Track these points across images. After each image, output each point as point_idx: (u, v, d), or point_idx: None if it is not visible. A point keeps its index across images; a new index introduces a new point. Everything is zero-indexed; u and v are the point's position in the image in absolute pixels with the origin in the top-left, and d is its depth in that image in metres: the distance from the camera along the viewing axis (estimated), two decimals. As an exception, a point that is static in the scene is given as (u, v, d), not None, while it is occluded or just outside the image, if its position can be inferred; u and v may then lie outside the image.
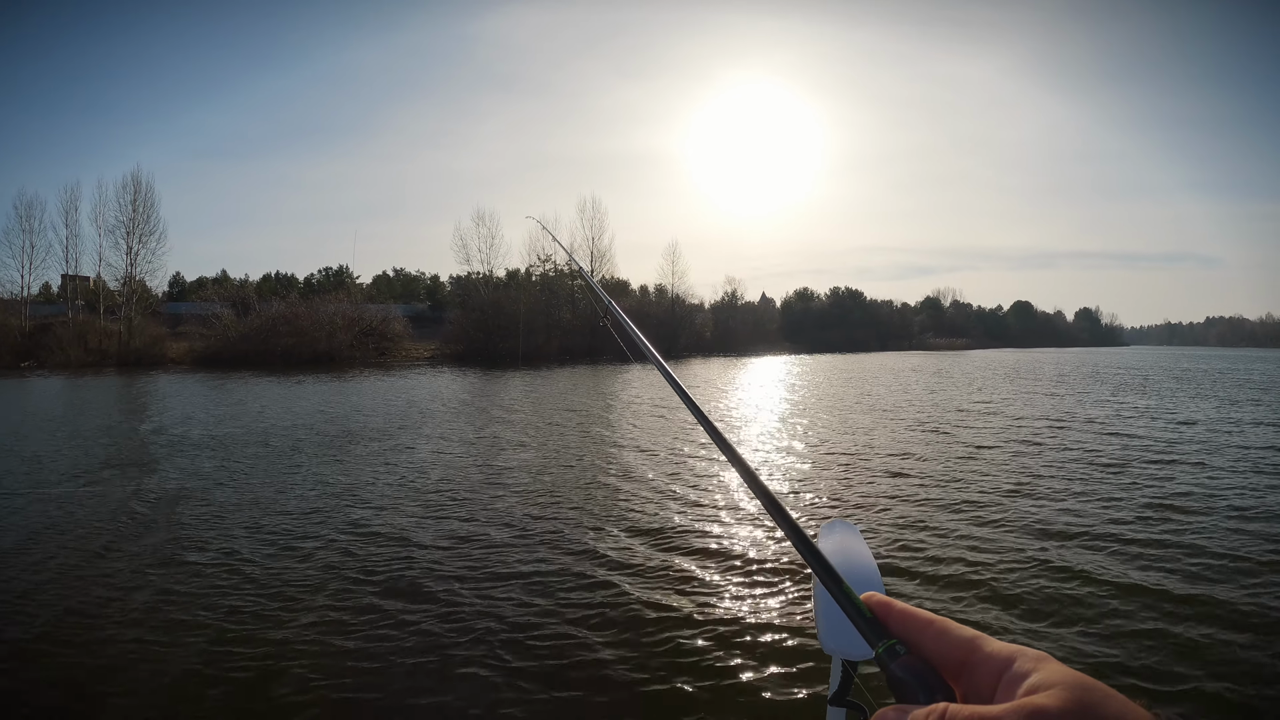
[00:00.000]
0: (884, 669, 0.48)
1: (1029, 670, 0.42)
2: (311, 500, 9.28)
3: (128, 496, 9.70)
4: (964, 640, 0.47)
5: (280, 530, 7.89)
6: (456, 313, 58.44)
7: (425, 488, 10.01)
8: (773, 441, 14.40)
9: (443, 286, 76.38)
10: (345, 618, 5.49)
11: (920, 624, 0.49)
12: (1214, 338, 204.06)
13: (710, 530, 7.78)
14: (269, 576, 6.40)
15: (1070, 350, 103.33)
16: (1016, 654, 0.44)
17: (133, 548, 7.35)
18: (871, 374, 39.16)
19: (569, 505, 9.00)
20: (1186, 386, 29.42)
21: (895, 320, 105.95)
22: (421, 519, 8.35)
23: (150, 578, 6.40)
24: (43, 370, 39.36)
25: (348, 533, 7.78)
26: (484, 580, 6.27)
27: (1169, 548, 6.92)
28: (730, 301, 78.93)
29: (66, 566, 6.77)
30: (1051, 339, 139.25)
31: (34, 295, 51.43)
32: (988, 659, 0.45)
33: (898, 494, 9.42)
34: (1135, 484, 9.85)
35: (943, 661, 0.47)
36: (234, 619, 5.46)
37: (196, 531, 7.93)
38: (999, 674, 0.43)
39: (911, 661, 0.47)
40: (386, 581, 6.24)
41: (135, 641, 5.11)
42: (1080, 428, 15.85)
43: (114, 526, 8.18)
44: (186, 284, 65.02)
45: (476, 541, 7.43)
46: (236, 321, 49.38)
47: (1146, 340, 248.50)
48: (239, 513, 8.73)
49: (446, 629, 5.23)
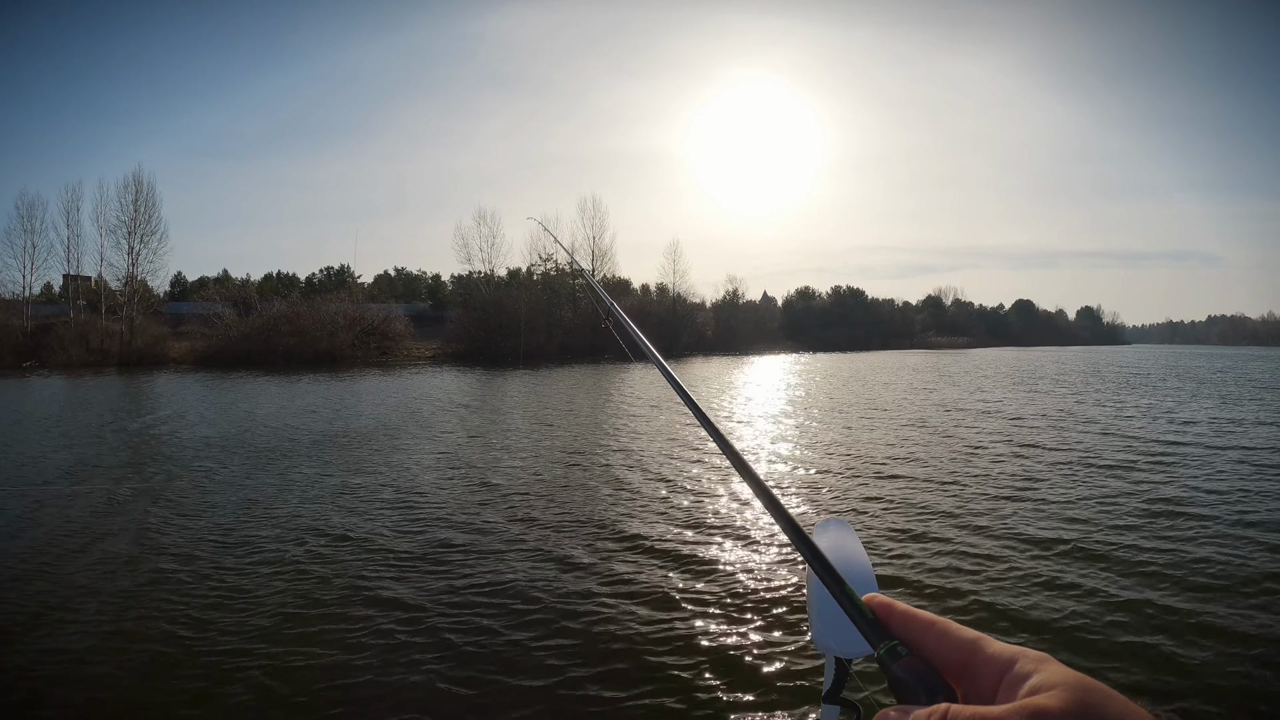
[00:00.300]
0: (885, 670, 0.48)
1: (1030, 671, 0.42)
2: (292, 504, 9.17)
3: (108, 497, 9.66)
4: (966, 642, 0.47)
5: (254, 534, 7.77)
6: (458, 312, 58.54)
7: (415, 489, 9.98)
8: (776, 442, 14.40)
9: (444, 286, 76.45)
10: (306, 614, 5.49)
11: (922, 625, 0.49)
12: (1216, 336, 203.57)
13: (707, 525, 7.79)
14: (238, 581, 6.32)
15: (1072, 349, 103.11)
16: (1018, 655, 0.44)
17: (102, 548, 7.30)
18: (873, 372, 39.14)
19: (565, 503, 8.98)
20: (1190, 385, 29.39)
21: (897, 319, 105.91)
22: (412, 522, 8.29)
23: (119, 580, 6.37)
24: (44, 370, 39.43)
25: (321, 535, 7.70)
26: (473, 580, 6.23)
27: (1169, 552, 6.89)
28: (732, 300, 78.94)
29: (30, 567, 6.78)
30: (1053, 338, 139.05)
31: (36, 295, 51.53)
32: (989, 660, 0.45)
33: (898, 495, 9.41)
34: (1138, 486, 9.84)
35: (944, 663, 0.47)
36: (192, 624, 5.41)
37: (167, 533, 7.88)
38: (1000, 675, 0.44)
39: (913, 663, 0.47)
40: (354, 587, 6.15)
41: (97, 638, 5.13)
42: (1081, 428, 15.83)
43: (85, 527, 8.15)
44: (188, 284, 65.08)
45: (458, 544, 7.38)
46: (238, 321, 49.47)
47: (1148, 339, 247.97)
48: (217, 513, 8.70)
49: (418, 636, 5.17)
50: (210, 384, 30.54)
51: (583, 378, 34.39)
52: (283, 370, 38.80)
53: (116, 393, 27.45)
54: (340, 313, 51.43)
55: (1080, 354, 77.41)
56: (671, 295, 70.23)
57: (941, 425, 16.45)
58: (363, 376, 35.10)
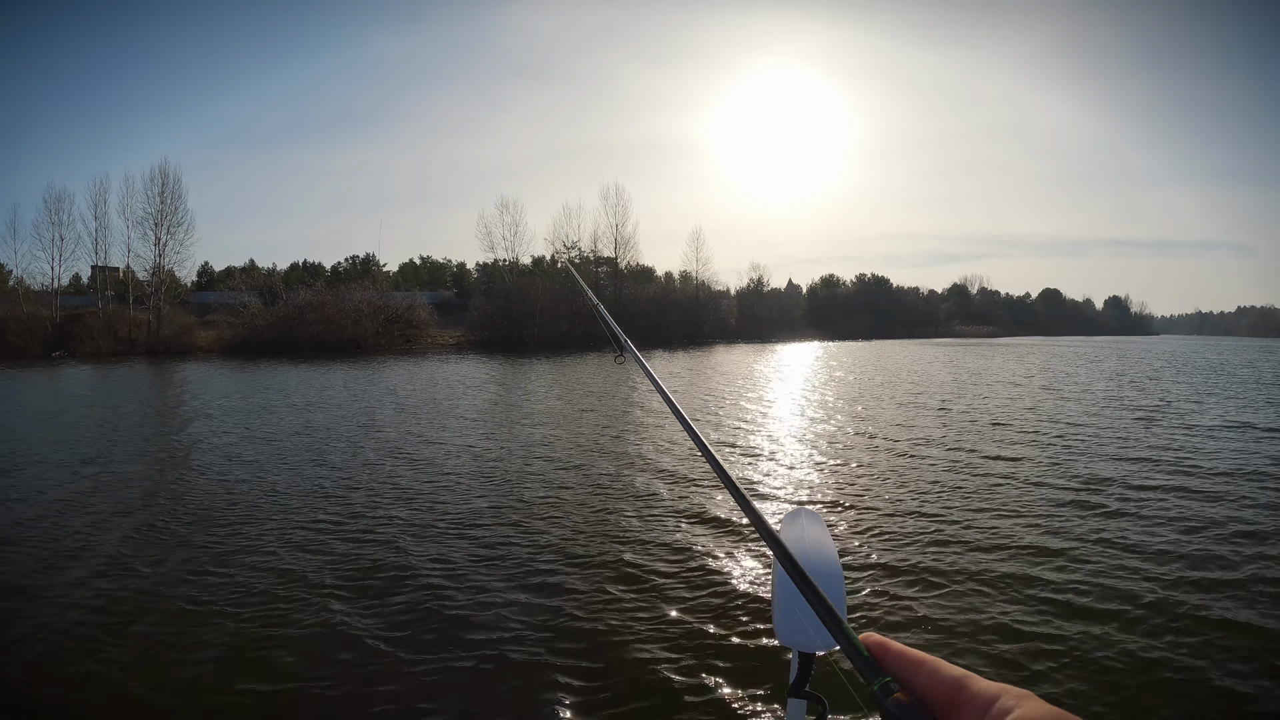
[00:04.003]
0: (879, 705, 0.51)
1: (1011, 707, 0.45)
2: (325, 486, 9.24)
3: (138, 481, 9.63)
4: (953, 679, 0.50)
5: (266, 520, 7.69)
6: (481, 300, 58.30)
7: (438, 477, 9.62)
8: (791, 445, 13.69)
9: (469, 274, 76.10)
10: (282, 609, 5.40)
11: (913, 664, 0.52)
12: (1245, 328, 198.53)
13: (686, 515, 7.55)
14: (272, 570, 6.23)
15: (1100, 339, 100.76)
16: (1001, 692, 0.47)
17: (112, 537, 7.16)
18: (915, 366, 38.20)
19: (550, 504, 8.65)
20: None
21: (921, 307, 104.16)
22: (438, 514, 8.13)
23: (140, 568, 6.23)
24: (73, 360, 39.53)
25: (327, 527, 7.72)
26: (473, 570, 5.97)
27: (1186, 567, 6.12)
28: (756, 288, 78.03)
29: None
30: (1080, 327, 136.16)
31: (64, 287, 51.87)
32: (975, 697, 0.48)
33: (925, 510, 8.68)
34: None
35: (933, 699, 0.50)
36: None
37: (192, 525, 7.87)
38: (984, 710, 0.46)
39: (904, 699, 0.50)
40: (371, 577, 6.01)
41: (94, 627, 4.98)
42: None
43: (98, 512, 8.06)
44: (215, 273, 65.39)
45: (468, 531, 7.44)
46: (264, 310, 49.54)
47: (1176, 329, 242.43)
48: (246, 504, 8.61)
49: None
50: (238, 372, 30.42)
51: (603, 366, 33.81)
52: (308, 358, 38.77)
53: (147, 381, 27.34)
54: (364, 301, 51.33)
55: (1109, 344, 75.44)
56: (695, 283, 69.49)
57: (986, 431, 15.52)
58: (386, 364, 34.99)
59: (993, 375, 28.14)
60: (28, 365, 35.56)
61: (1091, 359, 41.43)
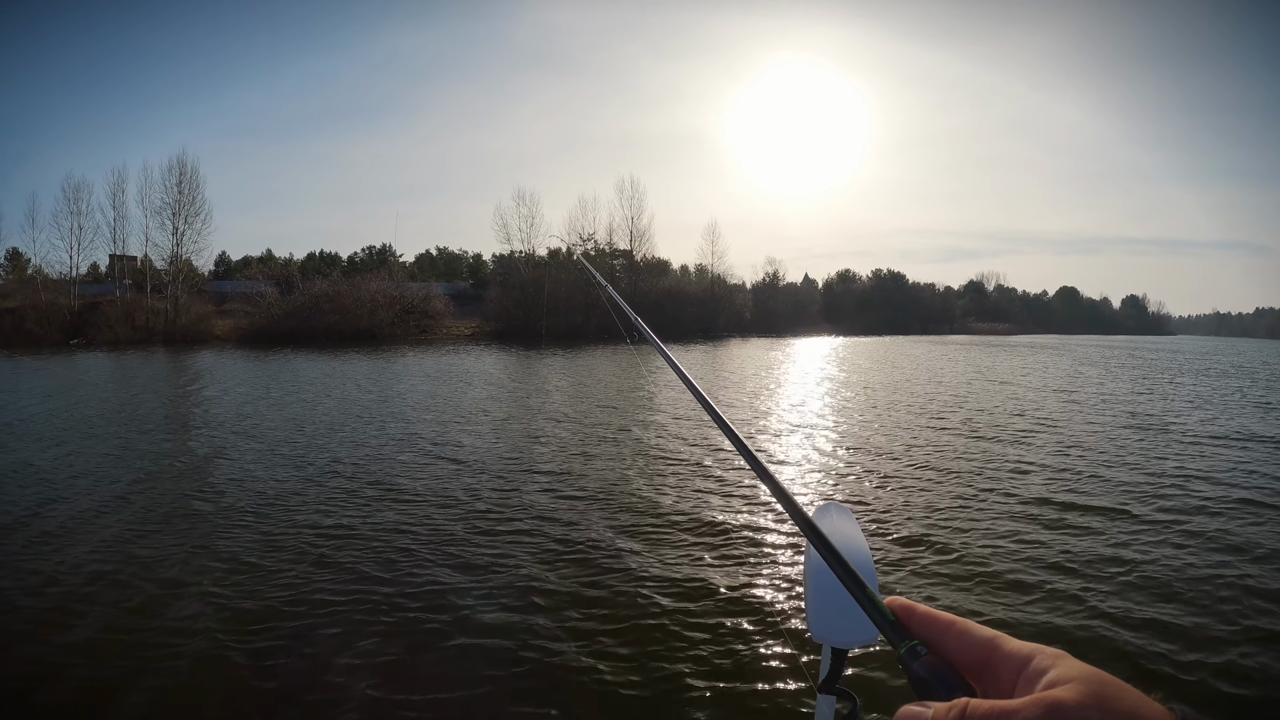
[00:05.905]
0: (906, 669, 0.49)
1: (1047, 666, 0.43)
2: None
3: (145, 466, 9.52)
4: (984, 640, 0.48)
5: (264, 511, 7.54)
6: (496, 291, 58.13)
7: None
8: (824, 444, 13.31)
9: (485, 265, 75.89)
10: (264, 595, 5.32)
11: (941, 626, 0.50)
12: (1263, 329, 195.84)
13: (714, 518, 7.28)
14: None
15: (1117, 338, 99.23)
16: (1035, 652, 0.45)
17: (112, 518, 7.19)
18: (937, 365, 37.58)
19: (577, 487, 8.54)
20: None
21: (937, 304, 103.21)
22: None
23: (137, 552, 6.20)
24: (91, 347, 39.61)
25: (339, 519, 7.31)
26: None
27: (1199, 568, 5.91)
28: (771, 282, 77.40)
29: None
30: (1097, 326, 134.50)
31: (82, 275, 52.11)
32: (1007, 657, 0.46)
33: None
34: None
35: (963, 661, 0.48)
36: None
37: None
38: (1018, 671, 0.45)
39: (933, 662, 0.49)
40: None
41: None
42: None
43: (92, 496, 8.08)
44: (232, 263, 65.52)
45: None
46: (280, 299, 49.50)
47: (1194, 330, 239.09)
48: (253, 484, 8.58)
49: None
50: (254, 360, 30.37)
51: (613, 357, 33.45)
52: (324, 347, 38.71)
53: (166, 369, 27.29)
54: (380, 291, 51.24)
55: (1127, 344, 73.92)
56: (710, 276, 69.00)
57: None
58: (399, 354, 34.87)
59: (1026, 380, 27.55)
60: (47, 352, 35.65)
61: (1129, 364, 37.23)
